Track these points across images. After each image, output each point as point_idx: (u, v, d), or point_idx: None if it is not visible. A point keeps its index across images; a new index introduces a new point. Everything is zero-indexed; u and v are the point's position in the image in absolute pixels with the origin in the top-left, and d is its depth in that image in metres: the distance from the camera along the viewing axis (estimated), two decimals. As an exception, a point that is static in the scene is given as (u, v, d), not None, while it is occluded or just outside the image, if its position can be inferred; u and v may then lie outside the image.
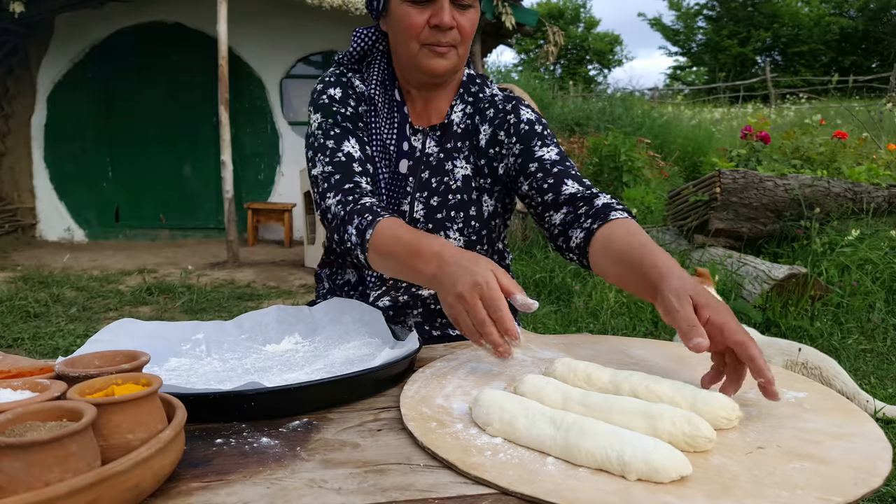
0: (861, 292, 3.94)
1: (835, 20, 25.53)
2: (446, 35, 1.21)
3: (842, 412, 0.81)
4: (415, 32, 1.21)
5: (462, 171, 1.31)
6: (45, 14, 7.01)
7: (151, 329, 1.13)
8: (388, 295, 1.33)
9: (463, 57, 1.27)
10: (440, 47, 1.22)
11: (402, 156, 1.31)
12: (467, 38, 1.23)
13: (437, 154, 1.31)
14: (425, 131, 1.33)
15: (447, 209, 1.29)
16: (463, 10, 1.21)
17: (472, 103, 1.34)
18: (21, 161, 7.78)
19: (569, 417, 0.72)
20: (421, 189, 1.30)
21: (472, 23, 1.23)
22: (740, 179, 4.53)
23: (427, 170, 1.31)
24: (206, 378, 0.99)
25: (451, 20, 1.19)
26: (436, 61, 1.23)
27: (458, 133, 1.32)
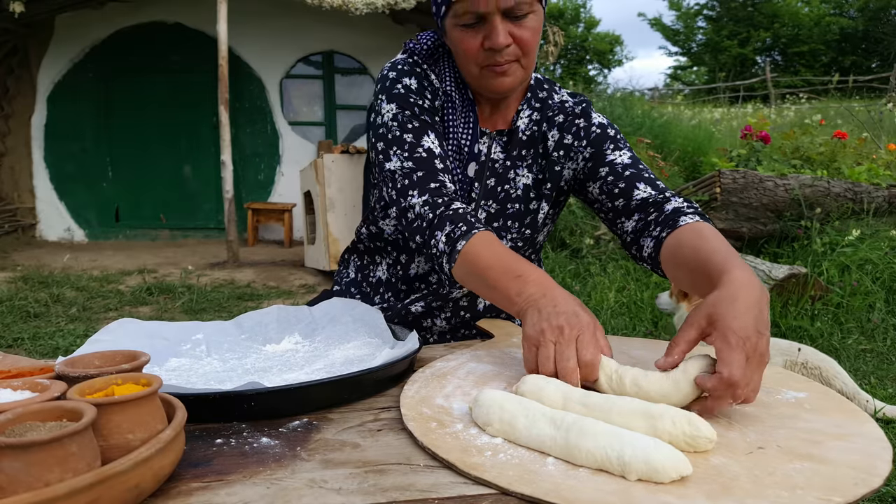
0: (861, 292, 3.94)
1: (835, 20, 25.54)
2: (503, 54, 1.12)
3: (842, 412, 0.81)
4: (472, 56, 1.13)
5: (524, 179, 1.27)
6: (45, 14, 7.01)
7: (151, 329, 1.13)
8: (423, 300, 1.31)
9: (529, 67, 1.17)
10: (500, 66, 1.13)
11: (472, 158, 1.25)
12: (529, 49, 1.13)
13: (503, 161, 1.27)
14: (492, 136, 1.28)
15: (505, 217, 1.26)
16: (519, 21, 1.10)
17: (540, 109, 1.28)
18: (21, 161, 7.79)
19: (569, 417, 0.72)
20: (486, 196, 1.26)
21: (532, 31, 1.12)
22: (740, 179, 4.53)
23: (493, 176, 1.27)
24: (206, 378, 0.99)
25: (506, 38, 1.09)
26: (498, 81, 1.15)
27: (524, 140, 1.27)
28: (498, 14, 1.08)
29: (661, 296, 3.22)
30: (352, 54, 8.00)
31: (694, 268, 0.96)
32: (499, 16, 1.08)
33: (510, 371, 0.97)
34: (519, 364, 1.01)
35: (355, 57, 8.02)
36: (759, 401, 0.84)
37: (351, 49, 7.95)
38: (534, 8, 1.11)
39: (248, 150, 8.07)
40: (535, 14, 1.12)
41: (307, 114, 8.24)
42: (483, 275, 1.01)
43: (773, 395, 0.87)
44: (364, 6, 6.43)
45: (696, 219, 1.06)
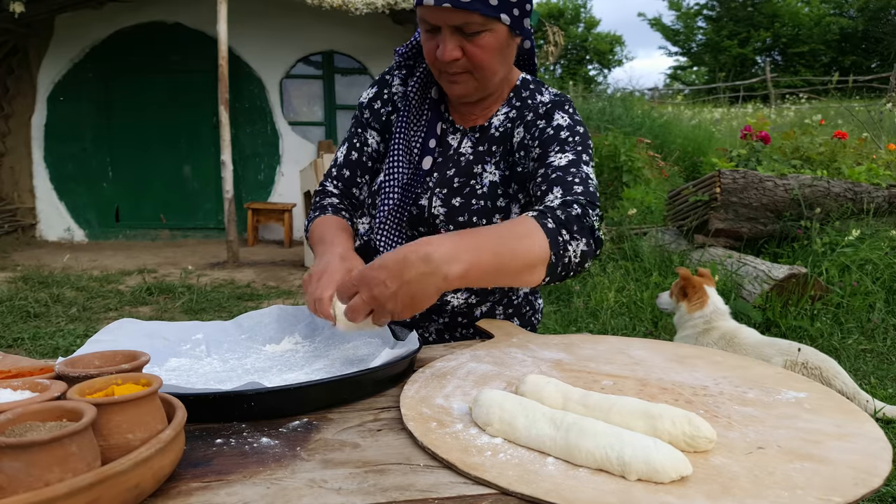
0: (861, 292, 3.94)
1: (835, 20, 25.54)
2: (452, 65, 1.16)
3: (842, 412, 0.81)
4: (430, 59, 1.19)
5: (490, 176, 1.26)
6: (45, 14, 7.02)
7: (151, 329, 1.13)
8: None
9: (486, 80, 1.20)
10: (452, 75, 1.18)
11: (427, 153, 1.30)
12: (481, 64, 1.16)
13: (468, 155, 1.28)
14: (465, 131, 1.30)
15: (470, 213, 1.25)
16: (472, 38, 1.13)
17: (518, 108, 1.28)
18: (21, 161, 7.79)
19: (569, 417, 0.72)
20: (441, 185, 1.27)
21: (486, 49, 1.14)
22: (740, 179, 4.53)
23: (454, 168, 1.28)
24: (206, 378, 0.99)
25: (453, 53, 1.13)
26: (452, 87, 1.21)
27: (496, 137, 1.28)
28: (448, 28, 1.12)
29: (661, 296, 3.21)
30: (352, 54, 8.00)
31: None
32: (449, 30, 1.12)
33: (510, 371, 0.97)
34: (519, 364, 1.01)
35: (355, 57, 8.02)
36: (759, 401, 0.84)
37: (351, 49, 7.95)
38: (489, 27, 1.12)
39: (248, 150, 8.07)
40: (492, 33, 1.13)
41: (307, 114, 8.25)
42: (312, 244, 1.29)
43: (773, 395, 0.87)
44: (364, 6, 6.43)
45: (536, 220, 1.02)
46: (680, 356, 1.03)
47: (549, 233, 1.00)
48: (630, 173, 6.22)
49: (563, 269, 1.02)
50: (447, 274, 0.87)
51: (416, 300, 0.88)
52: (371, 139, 1.36)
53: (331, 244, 1.19)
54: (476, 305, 1.30)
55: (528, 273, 0.98)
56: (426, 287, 0.87)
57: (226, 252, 6.54)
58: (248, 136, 8.06)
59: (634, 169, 6.25)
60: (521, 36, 1.22)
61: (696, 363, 1.00)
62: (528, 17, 1.21)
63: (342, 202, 1.39)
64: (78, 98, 7.75)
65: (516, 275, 0.97)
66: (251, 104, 8.02)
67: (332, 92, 8.17)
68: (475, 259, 0.90)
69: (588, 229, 1.05)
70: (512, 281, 0.98)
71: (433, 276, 0.87)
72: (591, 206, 1.08)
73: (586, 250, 1.04)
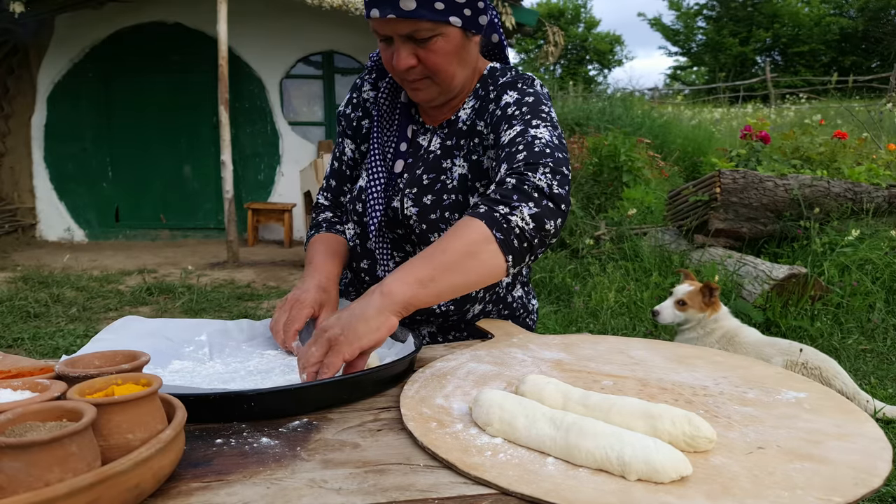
0: (861, 292, 3.94)
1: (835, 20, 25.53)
2: (409, 73, 1.16)
3: (842, 412, 0.81)
4: (389, 68, 1.20)
5: (459, 170, 1.25)
6: (45, 14, 7.01)
7: (154, 327, 1.14)
8: None
9: (446, 84, 1.19)
10: (412, 83, 1.19)
11: (399, 156, 1.31)
12: (438, 69, 1.16)
13: (436, 151, 1.28)
14: (433, 130, 1.30)
15: (441, 209, 1.23)
16: (424, 45, 1.13)
17: (483, 98, 1.27)
18: (21, 161, 7.79)
19: (569, 417, 0.72)
20: (410, 185, 1.26)
21: (439, 53, 1.14)
22: (740, 179, 4.53)
23: (423, 166, 1.27)
24: (210, 379, 0.99)
25: (408, 61, 1.14)
26: (415, 94, 1.22)
27: (463, 130, 1.27)
28: (399, 38, 1.13)
29: (662, 310, 2.95)
30: (352, 54, 8.00)
31: None
32: (400, 39, 1.13)
33: (510, 371, 0.97)
34: (519, 364, 1.01)
35: (355, 57, 8.02)
36: (759, 401, 0.84)
37: (351, 49, 7.95)
38: (439, 31, 1.12)
39: (248, 150, 8.07)
40: (444, 37, 1.13)
41: (307, 114, 8.24)
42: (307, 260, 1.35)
43: (773, 395, 0.87)
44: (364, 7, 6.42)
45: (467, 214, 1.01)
46: (680, 356, 1.03)
47: (482, 215, 0.98)
48: (630, 173, 6.22)
49: (521, 241, 0.98)
50: (381, 289, 0.92)
51: (354, 319, 0.91)
52: (347, 147, 1.40)
53: (314, 271, 1.26)
54: (463, 304, 1.29)
55: (479, 260, 0.95)
56: (364, 307, 0.92)
57: (226, 252, 6.54)
58: (248, 136, 8.06)
59: (634, 169, 6.25)
60: (480, 34, 1.22)
61: (696, 363, 1.00)
62: (484, 14, 1.19)
63: (335, 214, 1.45)
64: (78, 98, 7.74)
65: (466, 266, 0.95)
66: (251, 104, 8.01)
67: (332, 92, 8.17)
68: (408, 268, 0.94)
69: (531, 192, 1.00)
70: (469, 274, 0.96)
71: (370, 294, 0.93)
72: (533, 168, 1.03)
73: (538, 211, 0.99)
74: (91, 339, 1.07)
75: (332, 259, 1.31)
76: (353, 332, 0.90)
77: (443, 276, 0.94)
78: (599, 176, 6.45)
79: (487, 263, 0.96)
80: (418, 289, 0.93)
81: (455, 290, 0.96)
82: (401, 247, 1.31)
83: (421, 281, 0.93)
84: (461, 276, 0.95)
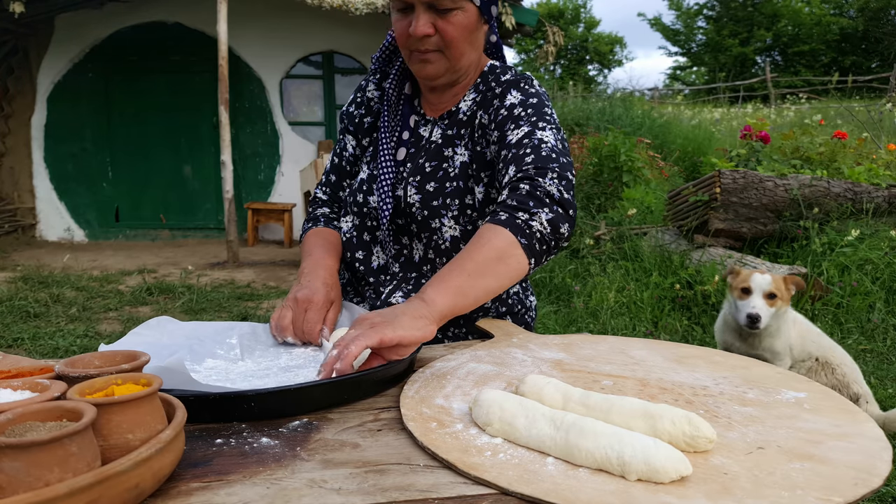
0: (861, 292, 3.94)
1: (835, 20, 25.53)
2: (424, 42, 1.20)
3: (842, 412, 0.81)
4: (402, 40, 1.23)
5: (461, 157, 1.29)
6: (45, 14, 7.02)
7: (189, 328, 1.17)
8: (398, 290, 1.33)
9: (455, 60, 1.24)
10: (423, 54, 1.22)
11: (402, 144, 1.35)
12: (453, 42, 1.21)
13: (438, 141, 1.32)
14: (434, 121, 1.34)
15: (443, 196, 1.27)
16: (444, 15, 1.18)
17: (484, 92, 1.32)
18: (21, 161, 7.79)
19: (569, 417, 0.72)
20: (413, 173, 1.30)
21: (457, 27, 1.20)
22: (740, 179, 4.53)
23: (425, 155, 1.31)
24: (245, 375, 1.00)
25: (426, 28, 1.18)
26: (422, 66, 1.25)
27: (463, 121, 1.31)
28: (421, 5, 1.18)
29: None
30: (352, 54, 8.00)
31: None
32: (422, 6, 1.18)
33: (510, 371, 0.97)
34: (519, 364, 1.01)
35: (355, 57, 8.02)
36: (759, 401, 0.84)
37: (351, 49, 7.95)
38: (460, 5, 1.19)
39: (248, 150, 8.07)
40: (464, 11, 1.20)
41: (307, 114, 8.24)
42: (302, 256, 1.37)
43: (772, 395, 0.87)
44: (364, 6, 6.42)
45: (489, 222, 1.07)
46: (680, 356, 1.04)
47: (505, 223, 1.05)
48: (630, 173, 6.22)
49: (541, 244, 1.06)
50: (423, 297, 0.97)
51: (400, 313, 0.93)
52: (348, 144, 1.45)
53: (316, 265, 1.29)
54: None
55: (508, 265, 1.03)
56: (408, 307, 0.95)
57: (226, 252, 6.54)
58: (248, 136, 8.06)
59: (634, 169, 6.25)
60: (488, 24, 1.29)
61: (696, 363, 1.00)
62: (496, 5, 1.26)
63: (332, 209, 1.49)
64: (78, 98, 7.74)
65: (494, 270, 1.02)
66: (251, 104, 8.01)
67: (332, 92, 8.17)
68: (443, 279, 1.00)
69: (544, 198, 1.08)
70: (500, 278, 1.03)
71: (411, 301, 0.97)
72: (542, 173, 1.10)
73: (553, 217, 1.07)
74: (129, 333, 1.12)
75: (331, 254, 1.35)
76: (398, 321, 0.92)
77: (477, 282, 1.00)
78: (599, 176, 6.45)
79: (514, 267, 1.04)
80: (458, 298, 0.99)
81: (489, 295, 1.03)
82: (398, 239, 1.34)
83: (460, 289, 0.99)
84: (494, 281, 1.02)
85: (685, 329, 3.80)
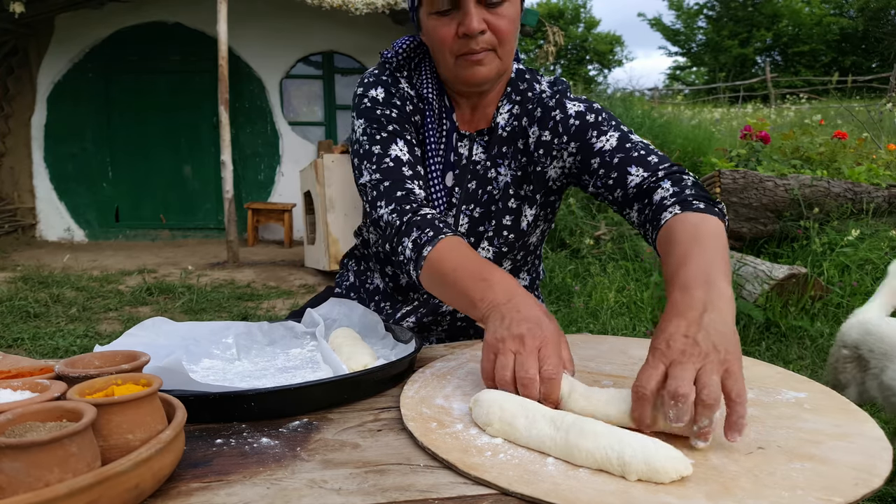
0: (861, 292, 3.94)
1: (835, 20, 25.54)
2: (478, 41, 1.10)
3: (842, 412, 0.81)
4: (447, 45, 1.12)
5: (504, 178, 1.23)
6: (45, 14, 7.01)
7: (185, 329, 1.16)
8: (415, 313, 1.30)
9: (506, 58, 1.15)
10: (475, 55, 1.11)
11: (449, 167, 1.24)
12: (506, 37, 1.11)
13: (483, 162, 1.23)
14: (472, 137, 1.24)
15: (489, 219, 1.22)
16: (493, 8, 1.09)
17: (520, 103, 1.23)
18: (21, 161, 7.79)
19: (568, 417, 0.72)
20: (468, 201, 1.23)
21: (508, 20, 1.10)
22: (740, 179, 4.53)
23: (474, 179, 1.23)
24: (242, 376, 1.00)
25: (480, 24, 1.08)
26: (474, 70, 1.13)
27: (504, 137, 1.23)
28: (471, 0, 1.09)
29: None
30: (352, 54, 8.00)
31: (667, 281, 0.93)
32: (472, 1, 1.08)
33: (510, 371, 0.97)
34: (519, 364, 1.00)
35: (355, 57, 8.02)
36: (759, 401, 0.84)
37: (351, 49, 7.95)
38: None
39: (248, 150, 8.07)
40: (511, 2, 1.11)
41: (307, 114, 8.24)
42: (447, 279, 0.97)
43: (773, 395, 0.87)
44: (364, 6, 6.42)
45: (674, 212, 1.00)
46: (680, 356, 1.03)
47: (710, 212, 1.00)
48: (630, 173, 6.21)
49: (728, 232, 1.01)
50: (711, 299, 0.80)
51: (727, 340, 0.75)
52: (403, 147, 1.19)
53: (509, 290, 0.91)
54: None
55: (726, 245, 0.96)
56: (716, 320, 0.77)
57: (226, 252, 6.54)
58: (248, 136, 8.06)
59: (634, 169, 6.24)
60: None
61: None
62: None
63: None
64: (78, 98, 7.74)
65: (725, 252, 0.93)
66: (251, 104, 8.02)
67: (332, 92, 8.17)
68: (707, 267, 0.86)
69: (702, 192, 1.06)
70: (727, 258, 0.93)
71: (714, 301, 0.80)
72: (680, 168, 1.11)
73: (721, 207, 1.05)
74: (123, 334, 1.10)
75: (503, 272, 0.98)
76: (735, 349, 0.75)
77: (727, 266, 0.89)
78: (599, 176, 6.43)
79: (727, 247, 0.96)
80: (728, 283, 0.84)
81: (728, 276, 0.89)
82: None
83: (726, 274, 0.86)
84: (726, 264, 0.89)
85: (685, 329, 3.79)
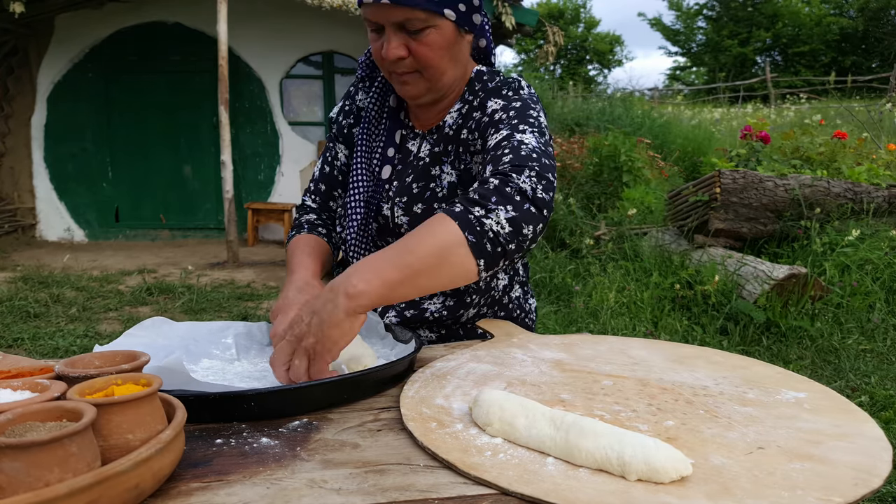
0: (861, 292, 3.94)
1: (835, 20, 25.54)
2: (399, 65, 1.13)
3: (842, 412, 0.81)
4: (378, 61, 1.16)
5: (448, 177, 1.23)
6: (45, 14, 7.01)
7: (184, 329, 1.16)
8: (393, 308, 1.30)
9: (436, 80, 1.16)
10: (401, 76, 1.15)
11: (386, 162, 1.28)
12: (428, 63, 1.12)
13: (425, 158, 1.25)
14: (423, 135, 1.27)
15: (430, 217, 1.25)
16: (416, 36, 1.10)
17: (470, 103, 1.23)
18: (21, 161, 7.79)
19: (568, 417, 0.72)
20: (400, 194, 1.25)
21: (431, 47, 1.11)
22: (740, 179, 4.52)
23: (412, 174, 1.25)
24: (241, 377, 1.00)
25: (398, 51, 1.10)
26: (402, 89, 1.18)
27: (449, 136, 1.24)
28: (391, 26, 1.10)
29: None
30: (352, 54, 8.00)
31: None
32: (392, 28, 1.10)
33: (510, 371, 0.97)
34: (519, 364, 1.01)
35: (355, 57, 8.01)
36: (759, 401, 0.84)
37: (351, 49, 7.95)
38: (433, 23, 1.10)
39: (248, 150, 8.07)
40: (437, 30, 1.10)
41: (307, 114, 8.24)
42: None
43: (772, 395, 0.87)
44: (364, 6, 6.42)
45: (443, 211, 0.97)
46: (680, 356, 1.03)
47: (456, 216, 0.93)
48: (630, 173, 6.21)
49: (494, 245, 0.93)
50: (346, 290, 0.88)
51: (325, 326, 0.88)
52: (340, 153, 1.38)
53: (292, 272, 1.21)
54: (457, 309, 1.27)
55: (449, 263, 0.91)
56: (332, 311, 0.88)
57: (226, 252, 6.54)
58: (248, 136, 8.06)
59: (634, 169, 6.24)
60: (472, 33, 1.19)
61: (696, 363, 1.00)
62: (478, 12, 1.18)
63: (320, 217, 1.40)
64: (78, 98, 7.74)
65: (435, 269, 0.91)
66: (251, 104, 8.01)
67: (332, 92, 8.17)
68: (376, 267, 0.89)
69: (512, 194, 0.96)
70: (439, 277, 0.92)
71: (335, 296, 0.88)
72: (518, 171, 0.99)
73: (515, 215, 0.95)
74: (123, 334, 1.10)
75: (311, 258, 1.25)
76: (329, 339, 0.88)
77: (411, 279, 0.90)
78: (599, 176, 6.44)
79: (457, 267, 0.92)
80: (386, 291, 0.89)
81: (422, 293, 0.94)
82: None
83: (389, 284, 0.89)
84: (429, 280, 0.92)
85: (685, 329, 3.80)
